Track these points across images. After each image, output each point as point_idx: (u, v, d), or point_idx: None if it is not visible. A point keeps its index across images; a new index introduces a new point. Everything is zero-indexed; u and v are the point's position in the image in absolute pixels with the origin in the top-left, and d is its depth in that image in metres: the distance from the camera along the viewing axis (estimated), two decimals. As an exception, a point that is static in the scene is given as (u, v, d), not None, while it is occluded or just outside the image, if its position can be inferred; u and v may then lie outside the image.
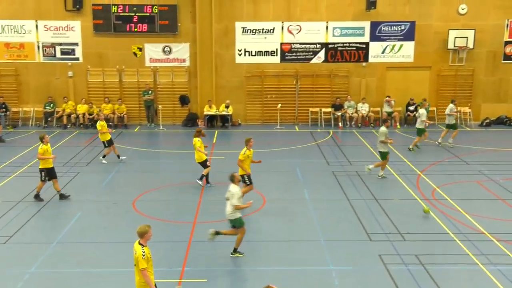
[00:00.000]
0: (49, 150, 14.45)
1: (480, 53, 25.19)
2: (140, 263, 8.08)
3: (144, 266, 8.09)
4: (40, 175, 14.41)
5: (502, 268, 10.47)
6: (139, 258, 8.09)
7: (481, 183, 15.98)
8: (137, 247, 8.21)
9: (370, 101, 25.43)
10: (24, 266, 10.63)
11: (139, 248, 8.17)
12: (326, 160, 18.88)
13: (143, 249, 8.14)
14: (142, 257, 8.09)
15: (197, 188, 15.60)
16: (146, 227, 8.34)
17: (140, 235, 8.27)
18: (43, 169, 14.35)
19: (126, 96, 25.34)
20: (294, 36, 25.01)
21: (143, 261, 8.09)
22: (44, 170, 14.34)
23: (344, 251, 11.43)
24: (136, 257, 8.13)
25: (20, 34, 24.74)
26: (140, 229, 8.31)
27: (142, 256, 8.09)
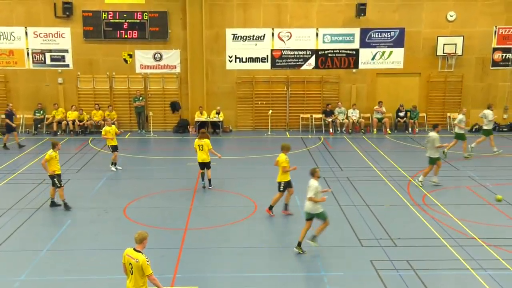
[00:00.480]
0: (57, 157, 14.22)
1: (469, 60, 25.43)
2: (147, 269, 7.97)
3: (151, 272, 8.03)
4: (53, 182, 14.20)
5: (492, 273, 10.52)
6: (144, 265, 7.94)
7: (471, 189, 16.08)
8: (137, 254, 8.05)
9: (361, 107, 25.56)
10: (13, 274, 10.53)
11: (140, 255, 8.03)
12: (317, 166, 18.90)
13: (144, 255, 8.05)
14: (147, 262, 7.98)
15: (188, 195, 15.57)
16: (146, 233, 8.26)
17: (140, 241, 8.15)
18: (54, 176, 14.15)
19: (116, 102, 25.28)
20: (285, 43, 25.11)
21: (149, 267, 8.00)
22: (55, 176, 14.15)
23: (335, 257, 11.43)
24: (140, 264, 7.95)
25: (9, 40, 24.62)
26: (141, 235, 8.19)
27: (147, 261, 7.98)
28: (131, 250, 8.16)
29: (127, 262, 8.14)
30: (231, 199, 15.39)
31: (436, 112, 25.99)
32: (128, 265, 8.10)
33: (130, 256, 8.10)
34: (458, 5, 24.94)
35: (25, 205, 14.54)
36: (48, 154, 14.07)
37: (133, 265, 8.02)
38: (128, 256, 8.13)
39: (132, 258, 8.06)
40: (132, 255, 8.09)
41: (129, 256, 8.12)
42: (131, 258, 8.08)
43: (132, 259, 8.05)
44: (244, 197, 15.34)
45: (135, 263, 8.00)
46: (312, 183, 11.49)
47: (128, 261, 8.11)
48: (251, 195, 15.43)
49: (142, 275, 8.01)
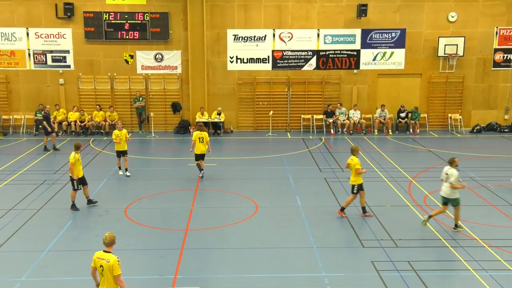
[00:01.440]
0: (80, 160, 14.23)
1: (470, 60, 25.42)
2: (116, 269, 8.00)
3: (120, 272, 8.04)
4: (72, 184, 14.22)
5: (494, 274, 10.50)
6: (114, 264, 7.98)
7: (472, 189, 16.05)
8: (107, 255, 8.09)
9: (362, 108, 25.55)
10: (14, 275, 10.53)
11: (111, 255, 8.07)
12: (318, 166, 18.90)
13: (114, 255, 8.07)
14: (118, 262, 8.01)
15: (189, 195, 15.56)
16: (114, 235, 8.32)
17: (110, 243, 8.22)
18: (76, 179, 14.15)
19: (117, 103, 25.29)
20: (286, 44, 25.11)
21: (119, 267, 8.03)
22: (76, 179, 14.16)
23: (336, 257, 11.43)
24: (111, 264, 7.98)
25: (10, 41, 24.64)
26: (110, 238, 8.24)
27: (118, 261, 8.02)
28: (101, 252, 8.19)
29: (97, 265, 8.14)
30: (232, 200, 15.39)
31: (437, 113, 25.98)
32: (99, 267, 8.11)
33: (100, 258, 8.13)
34: (459, 6, 24.92)
35: (26, 206, 14.54)
36: (72, 156, 14.07)
37: (104, 266, 8.04)
38: (99, 258, 8.15)
39: (102, 260, 8.08)
40: (102, 257, 8.12)
41: (99, 258, 8.14)
42: (101, 259, 8.10)
43: (102, 260, 8.08)
44: (245, 198, 15.34)
45: (106, 263, 8.02)
46: (453, 171, 12.63)
47: (98, 263, 8.13)
48: (252, 196, 15.43)
49: (112, 276, 8.04)
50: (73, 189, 14.30)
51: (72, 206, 14.30)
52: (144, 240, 12.41)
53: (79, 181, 14.26)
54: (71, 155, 14.10)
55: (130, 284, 9.95)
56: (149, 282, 10.29)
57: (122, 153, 17.55)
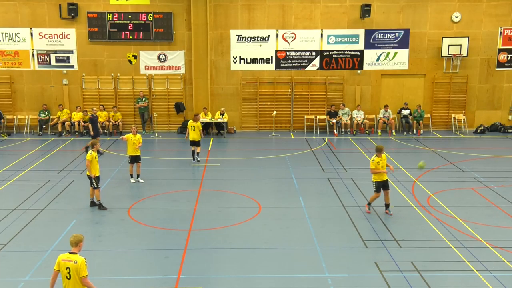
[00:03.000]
0: (96, 158, 14.27)
1: (474, 61, 25.37)
2: (83, 270, 7.88)
3: (87, 273, 7.95)
4: (91, 182, 14.24)
5: (497, 275, 10.48)
6: (82, 265, 7.88)
7: (476, 190, 16.02)
8: (74, 256, 7.97)
9: (365, 108, 25.53)
10: (18, 274, 10.56)
11: (78, 256, 7.97)
12: (321, 167, 18.89)
13: (82, 257, 7.98)
14: (85, 263, 7.93)
15: (193, 196, 15.58)
16: (82, 236, 8.24)
17: (75, 244, 8.10)
18: (94, 178, 14.16)
19: (121, 103, 25.33)
20: (289, 44, 25.11)
21: (85, 268, 7.93)
22: (95, 178, 14.18)
23: (339, 258, 11.41)
24: (78, 266, 7.87)
25: (15, 41, 24.72)
26: (76, 238, 8.13)
27: (85, 262, 7.93)
28: (67, 254, 8.05)
29: (62, 268, 7.97)
30: (235, 200, 15.39)
31: (441, 113, 25.94)
32: (65, 269, 7.94)
33: (66, 260, 7.98)
34: (463, 6, 24.87)
35: (30, 206, 14.58)
36: (88, 154, 14.13)
37: (71, 267, 7.89)
38: (64, 260, 7.99)
39: (69, 261, 7.94)
40: (69, 258, 7.97)
41: (65, 260, 7.98)
42: (67, 261, 7.95)
43: (69, 262, 7.93)
44: (248, 198, 15.34)
45: (73, 264, 7.90)
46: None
47: (64, 265, 7.96)
48: (255, 196, 15.43)
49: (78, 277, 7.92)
50: (93, 188, 14.32)
51: (100, 206, 14.31)
52: (147, 240, 12.42)
53: (97, 179, 14.27)
54: (88, 153, 14.16)
55: (134, 284, 9.98)
56: (153, 282, 10.30)
57: (135, 158, 16.88)
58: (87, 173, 14.32)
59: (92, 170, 14.16)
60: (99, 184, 14.37)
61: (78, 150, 21.63)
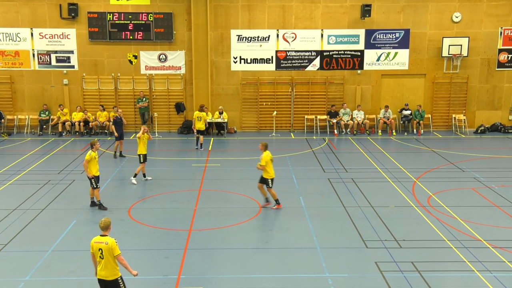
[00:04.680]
0: (96, 158, 14.27)
1: (474, 61, 25.37)
2: (116, 249, 8.39)
3: (120, 252, 8.45)
4: (91, 183, 14.24)
5: (498, 275, 10.48)
6: (113, 245, 8.37)
7: (476, 190, 16.03)
8: (105, 238, 8.43)
9: (366, 108, 25.53)
10: (19, 274, 10.56)
11: (109, 237, 8.44)
12: (322, 167, 18.89)
13: (111, 238, 8.49)
14: (116, 243, 8.41)
15: (193, 196, 15.58)
16: (109, 220, 8.65)
17: (105, 228, 8.52)
18: (93, 177, 14.17)
19: (121, 103, 25.32)
20: (289, 44, 25.11)
21: (117, 247, 8.43)
22: (94, 177, 14.18)
23: (340, 258, 11.41)
24: (110, 246, 8.35)
25: (15, 42, 24.72)
26: (105, 223, 8.54)
27: (115, 242, 8.42)
28: (98, 237, 8.51)
29: (96, 250, 8.44)
30: (235, 200, 15.39)
31: (441, 113, 25.94)
32: (98, 251, 8.41)
33: (98, 242, 8.44)
34: (463, 6, 24.87)
35: (30, 206, 14.58)
36: (88, 154, 14.12)
37: (103, 248, 8.36)
38: (96, 243, 8.45)
39: (101, 243, 8.41)
40: (100, 241, 8.44)
41: (97, 242, 8.45)
42: (99, 243, 8.42)
43: (101, 244, 8.40)
44: (249, 198, 15.34)
45: (105, 245, 8.36)
46: None
47: (97, 247, 8.43)
48: (255, 196, 15.42)
49: (112, 257, 8.40)
50: (92, 188, 14.34)
51: (100, 206, 14.33)
52: (147, 240, 12.43)
53: (96, 179, 14.26)
54: (87, 153, 14.15)
55: (134, 284, 9.98)
56: (153, 282, 10.30)
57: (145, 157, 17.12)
58: (87, 174, 14.31)
59: (93, 170, 14.16)
60: (98, 184, 14.38)
61: (79, 150, 21.63)
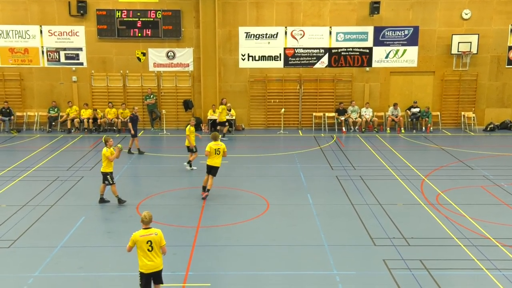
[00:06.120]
0: (113, 154, 14.31)
1: (484, 58, 25.19)
2: (163, 239, 8.61)
3: (165, 242, 8.70)
4: (107, 179, 14.30)
5: (507, 273, 10.42)
6: (161, 236, 8.55)
7: (485, 188, 15.94)
8: (151, 229, 8.55)
9: (374, 105, 25.44)
10: (28, 270, 10.64)
11: (155, 229, 8.59)
12: (330, 164, 18.86)
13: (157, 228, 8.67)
14: (162, 233, 8.60)
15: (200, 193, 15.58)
16: (151, 214, 8.72)
17: (150, 221, 8.60)
18: (107, 173, 14.23)
19: (130, 100, 25.40)
20: (298, 41, 25.06)
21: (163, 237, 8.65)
22: (109, 174, 14.25)
23: (348, 255, 11.40)
24: (159, 236, 8.51)
25: (24, 39, 24.85)
26: (150, 217, 8.61)
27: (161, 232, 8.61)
28: (142, 231, 8.57)
29: (143, 243, 8.46)
30: (243, 197, 15.40)
31: (450, 111, 25.80)
32: (146, 243, 8.44)
33: (146, 235, 8.51)
34: (473, 3, 24.70)
35: (39, 202, 14.67)
36: (105, 150, 14.20)
37: (153, 240, 8.47)
38: (143, 236, 8.50)
39: (149, 235, 8.49)
40: (147, 233, 8.52)
41: (143, 235, 8.50)
42: (147, 236, 8.49)
43: (150, 236, 8.48)
44: (256, 196, 15.35)
45: (155, 236, 8.50)
46: None
47: (144, 240, 8.46)
48: (263, 193, 15.43)
49: (159, 247, 8.58)
50: (106, 184, 14.38)
51: (119, 200, 14.46)
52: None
53: (111, 175, 14.30)
54: (104, 149, 14.19)
55: (142, 280, 10.02)
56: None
57: (188, 148, 18.02)
58: (103, 170, 14.29)
59: (109, 167, 14.22)
60: (113, 180, 14.40)
61: (87, 147, 21.72)
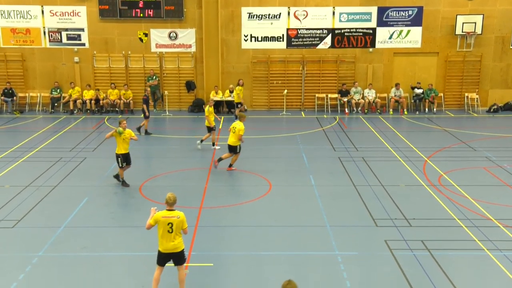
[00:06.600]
0: (125, 136, 14.26)
1: (488, 39, 24.98)
2: (185, 222, 8.72)
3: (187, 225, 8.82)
4: (117, 161, 14.32)
5: (508, 254, 10.47)
6: (184, 219, 8.67)
7: (488, 169, 15.94)
8: (175, 212, 8.64)
9: (377, 87, 25.33)
10: (32, 250, 10.73)
11: (178, 211, 8.69)
12: (332, 146, 18.86)
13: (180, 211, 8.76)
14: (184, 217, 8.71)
15: (203, 174, 15.64)
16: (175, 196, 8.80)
17: (174, 203, 8.70)
18: (119, 155, 14.21)
19: (132, 81, 25.34)
20: (301, 22, 24.86)
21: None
22: (120, 156, 14.21)
23: (350, 236, 11.45)
24: (181, 219, 8.62)
25: (26, 19, 24.71)
26: (174, 198, 8.71)
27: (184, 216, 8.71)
28: (165, 212, 8.67)
29: (164, 224, 8.57)
30: (246, 178, 15.44)
31: (454, 92, 25.68)
32: (167, 225, 8.56)
33: (167, 216, 8.61)
34: (478, -18, 24.44)
35: (42, 183, 14.74)
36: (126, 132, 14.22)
37: (174, 222, 8.58)
38: (165, 217, 8.60)
39: (171, 217, 8.60)
40: (169, 215, 8.62)
41: (165, 217, 8.60)
42: (169, 218, 8.60)
43: (171, 218, 8.59)
44: (259, 177, 15.38)
45: (177, 219, 8.60)
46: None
47: (165, 222, 8.58)
48: (265, 174, 15.46)
49: (181, 229, 8.69)
50: (119, 166, 14.40)
51: (123, 183, 14.47)
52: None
53: (123, 158, 14.28)
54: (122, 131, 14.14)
55: (145, 260, 10.12)
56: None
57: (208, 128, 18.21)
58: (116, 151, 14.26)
59: (121, 148, 14.20)
60: (123, 164, 14.36)
61: (90, 128, 21.74)
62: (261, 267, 10.13)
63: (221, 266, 10.17)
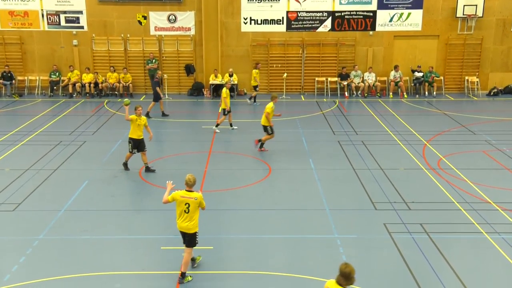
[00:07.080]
0: (137, 121, 14.08)
1: (489, 22, 24.82)
2: (204, 203, 8.99)
3: None
4: (128, 145, 14.27)
5: (506, 237, 10.53)
6: (202, 201, 8.92)
7: (487, 153, 15.95)
8: (193, 193, 8.87)
9: (377, 70, 25.23)
10: (33, 233, 10.78)
11: (196, 193, 8.92)
12: (332, 129, 18.85)
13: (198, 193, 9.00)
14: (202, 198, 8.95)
15: (203, 157, 15.66)
16: (195, 177, 9.03)
17: (193, 184, 8.94)
18: (130, 139, 14.13)
19: (131, 65, 25.23)
20: (301, 4, 24.68)
21: None
22: (131, 140, 14.12)
23: (349, 219, 11.51)
24: (199, 201, 8.86)
25: (24, 2, 24.51)
26: (194, 180, 8.95)
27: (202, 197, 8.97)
28: (184, 192, 8.93)
29: (182, 203, 8.88)
30: (245, 162, 15.46)
31: (454, 75, 25.59)
32: (184, 205, 8.87)
33: (185, 196, 8.88)
34: (479, -36, 24.20)
35: (42, 166, 14.76)
36: (132, 116, 14.11)
37: (191, 203, 8.85)
38: (183, 197, 8.89)
39: (189, 198, 8.87)
40: (187, 195, 8.89)
41: (183, 197, 8.89)
42: (187, 198, 8.87)
43: (189, 199, 8.86)
44: (259, 160, 15.41)
45: (194, 201, 8.85)
46: None
47: (183, 202, 8.87)
48: (265, 158, 15.48)
49: (197, 210, 8.94)
50: (129, 151, 14.34)
51: (125, 165, 14.47)
52: (159, 201, 12.47)
53: (133, 144, 14.19)
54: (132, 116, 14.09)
55: (146, 243, 10.18)
56: (164, 242, 10.48)
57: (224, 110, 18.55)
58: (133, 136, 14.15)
59: (133, 133, 14.11)
60: (134, 150, 14.24)
61: (89, 111, 21.71)
62: (260, 250, 10.20)
63: (221, 249, 10.23)
